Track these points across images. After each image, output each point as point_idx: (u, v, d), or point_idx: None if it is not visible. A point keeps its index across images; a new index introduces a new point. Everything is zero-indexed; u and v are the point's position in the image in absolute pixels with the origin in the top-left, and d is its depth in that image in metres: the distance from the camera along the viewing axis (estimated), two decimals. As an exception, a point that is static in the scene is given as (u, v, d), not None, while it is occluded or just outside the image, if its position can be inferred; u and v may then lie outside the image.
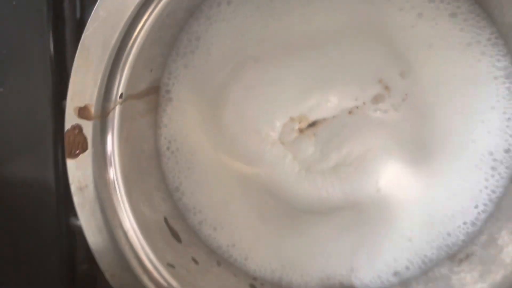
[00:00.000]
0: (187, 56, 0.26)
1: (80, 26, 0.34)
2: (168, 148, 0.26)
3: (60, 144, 0.35)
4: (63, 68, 0.35)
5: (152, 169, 0.26)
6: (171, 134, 0.26)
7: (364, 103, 0.26)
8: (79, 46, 0.21)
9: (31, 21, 0.34)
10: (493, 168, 0.26)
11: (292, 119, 0.27)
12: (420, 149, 0.27)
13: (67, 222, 0.35)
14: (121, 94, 0.22)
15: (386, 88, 0.26)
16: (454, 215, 0.26)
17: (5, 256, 0.36)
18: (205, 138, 0.27)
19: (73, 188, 0.22)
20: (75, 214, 0.34)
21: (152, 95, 0.26)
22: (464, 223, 0.26)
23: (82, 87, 0.21)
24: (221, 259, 0.27)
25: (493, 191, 0.26)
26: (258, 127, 0.27)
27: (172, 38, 0.25)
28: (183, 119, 0.26)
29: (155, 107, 0.26)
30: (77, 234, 0.36)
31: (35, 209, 0.36)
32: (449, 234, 0.27)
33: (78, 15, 0.34)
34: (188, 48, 0.26)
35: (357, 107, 0.26)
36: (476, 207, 0.26)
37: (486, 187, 0.26)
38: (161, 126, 0.26)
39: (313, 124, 0.27)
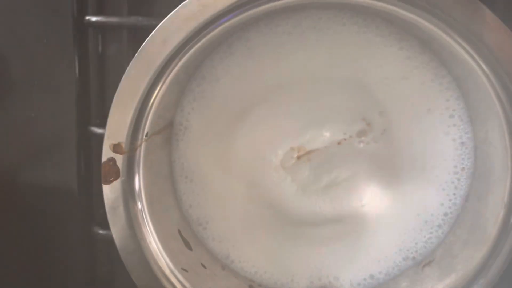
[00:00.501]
0: (198, 98, 0.31)
1: (101, 59, 0.38)
2: (181, 174, 0.31)
3: (83, 162, 0.40)
4: (87, 96, 0.38)
5: (169, 191, 0.31)
6: (184, 161, 0.31)
7: (350, 136, 0.31)
8: (115, 96, 0.26)
9: (59, 55, 0.37)
10: (455, 188, 0.31)
11: (292, 149, 0.31)
12: (394, 172, 0.31)
13: (90, 230, 0.40)
14: (147, 133, 0.27)
15: (368, 124, 0.31)
16: (421, 229, 0.31)
17: (28, 259, 0.40)
18: (214, 164, 0.31)
19: (107, 208, 0.27)
20: (97, 224, 0.39)
21: (168, 129, 0.31)
22: (429, 236, 0.31)
23: (116, 128, 0.26)
24: (224, 265, 0.32)
25: (451, 208, 0.31)
26: (264, 155, 0.31)
27: (185, 82, 0.30)
28: (194, 149, 0.31)
29: (170, 139, 0.31)
30: (98, 241, 0.40)
31: (60, 218, 0.39)
32: (416, 243, 0.32)
33: (100, 50, 0.38)
34: (198, 91, 0.31)
35: (344, 139, 0.31)
36: (438, 224, 0.31)
37: (448, 206, 0.31)
38: (175, 155, 0.31)
39: (309, 153, 0.31)
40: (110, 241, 0.38)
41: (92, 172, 0.39)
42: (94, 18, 0.36)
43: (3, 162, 0.39)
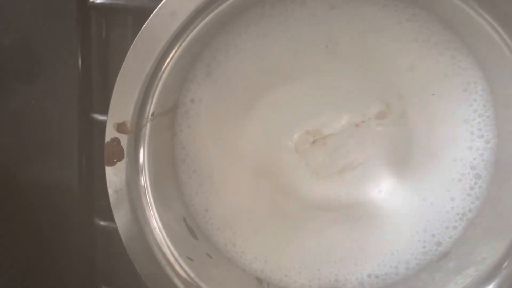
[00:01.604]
0: (208, 79, 0.30)
1: (105, 45, 0.38)
2: (185, 160, 0.30)
3: (84, 151, 0.39)
4: (89, 82, 0.38)
5: (174, 176, 0.30)
6: (189, 146, 0.30)
7: (369, 118, 0.30)
8: (120, 71, 0.24)
9: (61, 40, 0.36)
10: (476, 177, 0.30)
11: (307, 132, 0.30)
12: (411, 160, 0.30)
13: (91, 221, 0.39)
14: (153, 113, 0.26)
15: (387, 106, 0.30)
16: (439, 219, 0.30)
17: (29, 251, 0.39)
18: (220, 149, 0.30)
19: (110, 191, 0.26)
20: (97, 215, 0.38)
21: (174, 110, 0.29)
22: (447, 226, 0.30)
23: (121, 106, 0.25)
24: (230, 256, 0.31)
25: (471, 197, 0.30)
26: (279, 138, 0.31)
27: (192, 64, 0.29)
28: (201, 133, 0.30)
29: (175, 122, 0.30)
30: (99, 232, 0.39)
31: (61, 208, 0.38)
32: (433, 236, 0.30)
33: (103, 35, 0.37)
34: (208, 71, 0.30)
35: (363, 122, 0.30)
36: (458, 214, 0.30)
37: (468, 196, 0.29)
38: (180, 139, 0.30)
39: (325, 137, 0.30)
40: (111, 232, 0.38)
41: (93, 160, 0.39)
42: (98, 0, 0.35)
43: (3, 150, 0.38)
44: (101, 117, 0.37)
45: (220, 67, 0.29)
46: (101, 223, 0.37)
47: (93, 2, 0.36)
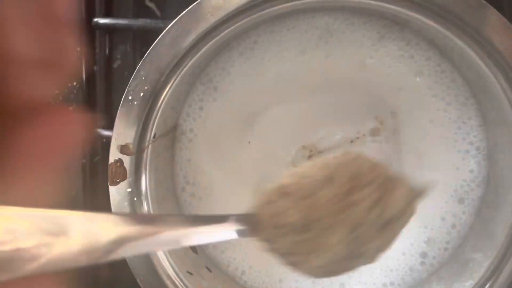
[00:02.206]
0: (206, 99, 0.31)
1: (108, 61, 0.39)
2: (184, 178, 0.31)
3: (88, 167, 0.40)
4: (93, 97, 0.39)
5: (174, 194, 0.31)
6: (189, 164, 0.31)
7: (364, 135, 0.31)
8: (123, 97, 0.26)
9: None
10: (466, 194, 0.31)
11: (304, 147, 0.31)
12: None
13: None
14: (154, 134, 0.27)
15: (381, 123, 0.31)
16: (429, 238, 0.31)
17: None
18: (219, 166, 0.31)
19: (113, 209, 0.27)
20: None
21: (174, 130, 0.31)
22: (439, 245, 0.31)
23: (124, 129, 0.26)
24: (228, 271, 0.32)
25: (464, 214, 0.31)
26: (277, 152, 0.32)
27: (193, 83, 0.30)
28: (200, 151, 0.31)
29: (175, 141, 0.31)
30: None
31: None
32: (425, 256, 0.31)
33: (107, 51, 0.39)
34: (206, 92, 0.31)
35: (357, 138, 0.31)
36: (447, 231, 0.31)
37: (459, 213, 0.31)
38: (180, 157, 0.31)
39: (321, 152, 0.31)
40: None
41: (97, 174, 0.40)
42: (102, 20, 0.37)
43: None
44: (105, 133, 0.38)
45: (220, 86, 0.30)
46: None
47: (97, 21, 0.37)
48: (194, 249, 0.31)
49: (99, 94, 0.39)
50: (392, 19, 0.28)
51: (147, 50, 0.38)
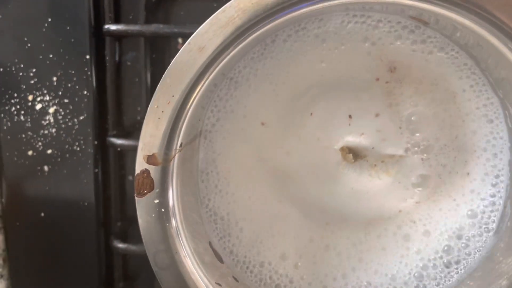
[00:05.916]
0: (228, 105, 0.30)
1: (119, 68, 0.38)
2: (210, 184, 0.30)
3: (101, 174, 0.39)
4: (104, 105, 0.38)
5: (199, 202, 0.30)
6: (210, 168, 0.30)
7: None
8: (149, 106, 0.25)
9: (76, 64, 0.37)
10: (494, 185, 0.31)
11: (342, 149, 0.31)
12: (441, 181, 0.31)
13: (107, 243, 0.39)
14: (181, 144, 0.26)
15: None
16: (461, 236, 0.31)
17: (44, 272, 0.39)
18: (243, 171, 0.31)
19: (140, 221, 0.26)
20: (115, 237, 0.38)
21: (198, 138, 0.30)
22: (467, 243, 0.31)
23: (150, 139, 0.25)
24: (257, 276, 0.31)
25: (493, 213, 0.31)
26: (313, 154, 0.31)
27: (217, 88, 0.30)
28: (223, 157, 0.30)
29: (198, 148, 0.30)
30: (115, 255, 0.40)
31: (77, 230, 0.39)
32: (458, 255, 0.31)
33: (117, 58, 0.38)
34: (228, 97, 0.30)
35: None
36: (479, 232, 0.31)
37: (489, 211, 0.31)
38: (203, 165, 0.30)
39: (360, 152, 0.31)
40: (127, 254, 0.38)
41: (109, 183, 0.39)
42: (113, 27, 0.36)
43: (19, 174, 0.38)
44: (117, 141, 0.37)
45: (238, 95, 0.30)
46: (120, 245, 0.38)
47: (108, 28, 0.36)
48: (219, 258, 0.30)
49: (110, 102, 0.38)
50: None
51: (158, 56, 0.38)
